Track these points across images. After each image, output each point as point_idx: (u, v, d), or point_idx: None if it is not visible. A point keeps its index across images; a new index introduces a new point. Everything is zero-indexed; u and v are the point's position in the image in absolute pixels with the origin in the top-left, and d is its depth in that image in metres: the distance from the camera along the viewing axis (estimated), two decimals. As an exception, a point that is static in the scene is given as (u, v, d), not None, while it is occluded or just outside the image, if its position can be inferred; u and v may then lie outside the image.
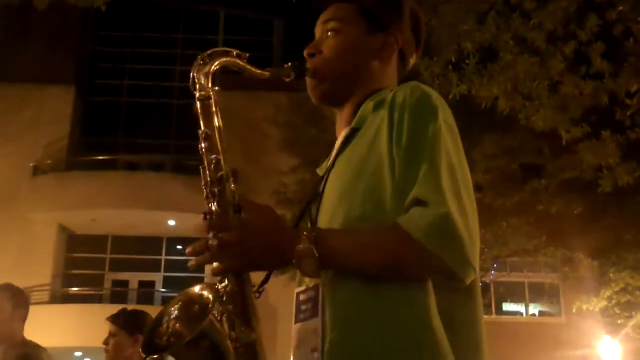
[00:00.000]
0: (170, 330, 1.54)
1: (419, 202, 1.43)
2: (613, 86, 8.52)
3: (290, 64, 1.70)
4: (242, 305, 1.50)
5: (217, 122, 1.60)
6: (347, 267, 1.46)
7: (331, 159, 1.72)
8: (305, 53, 1.74)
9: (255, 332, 1.50)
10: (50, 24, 20.22)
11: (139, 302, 19.86)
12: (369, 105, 1.66)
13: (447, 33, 8.42)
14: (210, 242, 1.46)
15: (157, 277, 21.77)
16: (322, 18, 1.76)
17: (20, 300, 4.08)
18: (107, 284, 21.47)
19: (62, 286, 20.64)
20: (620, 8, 8.38)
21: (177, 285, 21.26)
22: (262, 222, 1.49)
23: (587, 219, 13.19)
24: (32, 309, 4.19)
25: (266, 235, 1.48)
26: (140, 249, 21.64)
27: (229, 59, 1.64)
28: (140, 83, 24.05)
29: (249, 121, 19.60)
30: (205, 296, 1.53)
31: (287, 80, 1.70)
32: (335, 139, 1.80)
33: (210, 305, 1.48)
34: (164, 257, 21.93)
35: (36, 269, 18.88)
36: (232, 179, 1.57)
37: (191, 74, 1.61)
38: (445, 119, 1.55)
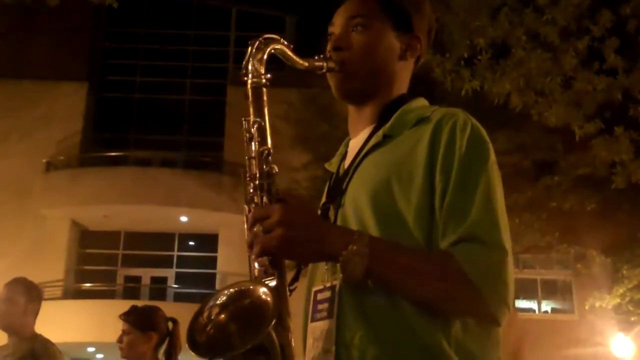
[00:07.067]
0: (226, 332, 1.37)
1: (475, 239, 1.41)
2: (626, 82, 8.50)
3: (322, 55, 1.64)
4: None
5: (266, 112, 1.55)
6: (391, 284, 1.42)
7: (353, 157, 1.66)
8: (332, 46, 1.66)
9: (289, 331, 1.41)
10: (63, 21, 20.26)
11: (151, 298, 19.97)
12: (408, 116, 1.62)
13: (460, 29, 8.43)
14: (255, 229, 1.41)
15: (169, 273, 21.82)
16: (344, 12, 1.68)
17: (33, 294, 4.12)
18: (120, 280, 21.51)
19: (75, 282, 20.75)
20: (634, 3, 8.35)
21: (189, 281, 21.37)
22: (306, 209, 1.45)
23: (600, 215, 13.11)
24: (45, 304, 4.23)
25: (310, 221, 1.43)
26: (153, 245, 21.69)
27: (280, 46, 1.58)
28: (152, 79, 24.09)
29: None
30: (263, 298, 1.36)
31: (319, 72, 1.63)
32: (347, 135, 1.75)
33: (272, 310, 1.33)
34: (176, 253, 21.99)
35: (49, 265, 18.93)
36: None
37: (245, 59, 1.55)
38: (494, 157, 1.53)
